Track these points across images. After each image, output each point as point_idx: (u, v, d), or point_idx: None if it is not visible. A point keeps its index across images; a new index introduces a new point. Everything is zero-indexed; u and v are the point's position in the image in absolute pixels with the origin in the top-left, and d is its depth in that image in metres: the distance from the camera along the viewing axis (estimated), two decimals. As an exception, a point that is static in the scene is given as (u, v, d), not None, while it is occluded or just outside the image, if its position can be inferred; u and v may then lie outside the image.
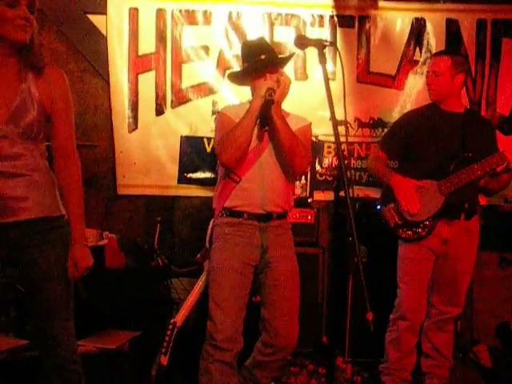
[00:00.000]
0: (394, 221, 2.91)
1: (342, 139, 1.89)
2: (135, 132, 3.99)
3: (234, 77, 2.65)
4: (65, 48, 3.97)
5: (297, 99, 3.67)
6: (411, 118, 3.04)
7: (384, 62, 4.03)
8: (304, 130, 2.58)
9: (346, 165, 1.83)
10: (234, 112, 2.50)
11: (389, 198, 2.92)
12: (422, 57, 4.00)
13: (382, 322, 2.94)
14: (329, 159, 4.03)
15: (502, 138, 3.64)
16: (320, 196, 3.93)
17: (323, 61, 1.91)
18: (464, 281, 2.97)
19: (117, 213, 4.05)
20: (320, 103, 3.81)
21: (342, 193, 1.80)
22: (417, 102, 3.85)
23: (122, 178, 3.99)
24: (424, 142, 2.91)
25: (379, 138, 3.61)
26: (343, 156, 1.81)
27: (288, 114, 2.55)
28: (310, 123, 2.65)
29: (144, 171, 3.99)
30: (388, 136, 3.16)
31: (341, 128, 1.84)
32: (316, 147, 3.84)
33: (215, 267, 2.47)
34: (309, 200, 3.70)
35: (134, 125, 3.98)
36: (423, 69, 3.87)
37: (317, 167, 3.99)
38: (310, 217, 3.60)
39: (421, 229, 2.87)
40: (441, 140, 2.89)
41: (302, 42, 2.05)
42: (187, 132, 3.99)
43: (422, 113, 3.02)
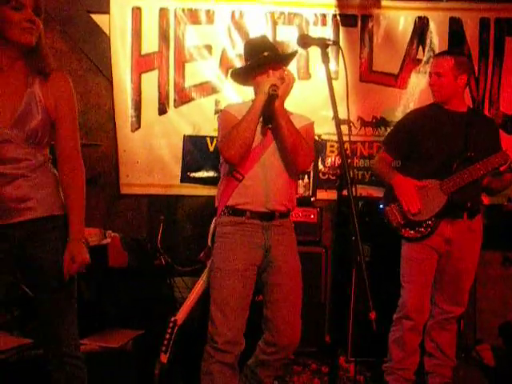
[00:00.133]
0: (397, 220, 2.91)
1: (345, 138, 1.88)
2: (138, 131, 3.99)
3: (237, 75, 2.64)
4: (68, 47, 3.97)
5: (299, 98, 3.67)
6: (414, 118, 3.04)
7: (387, 61, 4.02)
8: (307, 129, 2.57)
9: (349, 164, 1.83)
10: (237, 110, 2.49)
11: (391, 198, 2.92)
12: (425, 56, 4.00)
13: (385, 322, 2.94)
14: (331, 158, 4.03)
15: (506, 137, 3.64)
16: (323, 195, 3.93)
17: (326, 60, 1.90)
18: (467, 280, 2.97)
19: (120, 212, 4.06)
20: (323, 102, 3.81)
21: (345, 192, 1.80)
22: (420, 101, 3.85)
23: (125, 177, 4.00)
24: (427, 142, 2.90)
25: (382, 137, 3.61)
26: (346, 155, 1.81)
27: (291, 113, 2.54)
28: (313, 122, 2.65)
29: (147, 170, 4.00)
30: (391, 136, 3.16)
31: (344, 127, 1.83)
32: (319, 146, 3.84)
33: (217, 268, 2.45)
34: (312, 199, 3.70)
35: (137, 124, 3.99)
36: (426, 68, 3.87)
37: (320, 166, 3.99)
38: (313, 216, 3.60)
39: (423, 228, 2.87)
40: (444, 139, 2.88)
41: (305, 41, 2.05)
42: (190, 131, 4.00)
43: (425, 112, 3.02)
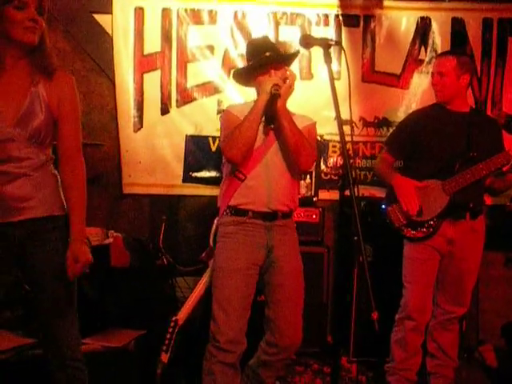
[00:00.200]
0: (399, 220, 2.91)
1: (347, 138, 1.88)
2: (140, 131, 3.99)
3: (239, 75, 2.64)
4: (70, 47, 3.97)
5: (302, 99, 3.68)
6: (417, 118, 3.04)
7: (389, 62, 4.01)
8: (309, 129, 2.58)
9: (351, 164, 1.83)
10: (240, 110, 2.49)
11: (393, 198, 2.92)
12: (428, 56, 3.99)
13: (388, 322, 2.94)
14: (334, 158, 4.03)
15: (508, 138, 3.63)
16: (325, 195, 3.93)
17: (329, 60, 1.91)
18: (469, 280, 2.96)
19: (122, 212, 4.06)
20: (325, 103, 3.80)
21: (348, 192, 1.80)
22: (422, 102, 3.85)
23: (128, 177, 4.00)
24: (429, 142, 2.90)
25: (384, 138, 3.61)
26: (348, 155, 1.81)
27: (293, 114, 2.54)
28: (315, 122, 2.65)
29: (149, 170, 4.00)
30: (393, 136, 3.16)
31: (346, 127, 1.83)
32: (321, 146, 3.84)
33: (219, 267, 2.45)
34: (314, 199, 3.70)
35: (140, 124, 3.99)
36: (428, 68, 3.86)
37: (322, 166, 3.99)
38: (315, 216, 3.60)
39: (425, 228, 2.87)
40: (446, 139, 2.88)
41: (308, 42, 2.05)
42: (192, 131, 4.00)
43: (428, 113, 3.02)
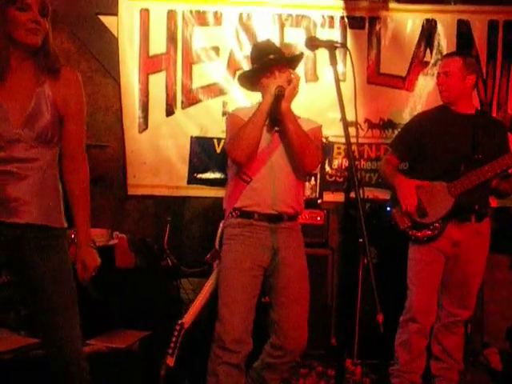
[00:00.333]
0: (404, 222, 2.91)
1: (352, 140, 1.88)
2: (145, 132, 4.00)
3: (244, 78, 2.65)
4: (76, 48, 3.99)
5: (307, 100, 3.69)
6: (422, 120, 3.03)
7: (394, 64, 4.01)
8: (314, 131, 2.58)
9: (356, 166, 1.83)
10: (245, 113, 2.50)
11: (398, 200, 2.91)
12: (433, 58, 3.98)
13: (392, 324, 2.93)
14: (338, 160, 4.02)
15: (514, 140, 3.61)
16: (330, 197, 3.92)
17: (334, 62, 1.90)
18: (474, 283, 2.95)
19: (127, 213, 4.07)
20: (330, 104, 3.80)
21: (353, 194, 1.79)
22: (427, 104, 3.84)
23: (133, 178, 4.01)
24: (434, 144, 2.90)
25: (389, 140, 3.60)
26: (354, 157, 1.80)
27: (298, 117, 2.55)
28: (321, 125, 2.66)
29: (154, 171, 4.00)
30: (399, 138, 3.16)
31: (351, 129, 1.84)
32: (326, 148, 3.84)
33: (226, 268, 2.46)
34: (318, 201, 3.69)
35: (145, 125, 4.00)
36: (434, 70, 3.85)
37: (326, 168, 3.98)
38: (320, 218, 3.60)
39: (430, 230, 2.86)
40: (451, 141, 2.87)
41: (313, 44, 2.05)
42: (197, 132, 4.00)
43: (433, 115, 3.01)
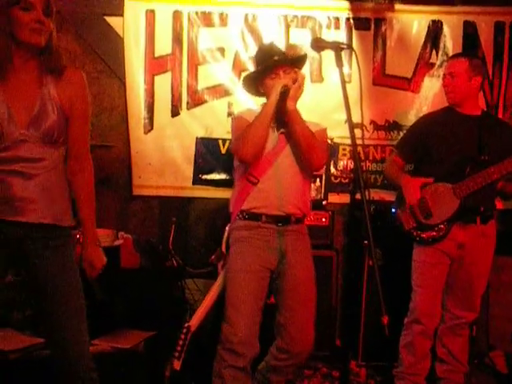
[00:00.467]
0: (409, 223, 2.90)
1: (358, 142, 1.88)
2: (151, 133, 4.00)
3: (249, 81, 2.66)
4: (82, 49, 3.99)
5: (312, 102, 3.69)
6: (427, 122, 3.03)
7: (400, 65, 4.00)
8: (320, 133, 2.58)
9: (361, 167, 1.83)
10: (251, 115, 2.51)
11: (403, 201, 2.91)
12: (439, 59, 3.97)
13: (397, 326, 2.92)
14: (344, 162, 4.01)
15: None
16: (335, 198, 3.91)
17: (340, 64, 1.91)
18: (480, 285, 2.95)
19: (132, 213, 4.07)
20: (335, 106, 3.79)
21: (358, 195, 1.79)
22: (433, 105, 3.83)
23: (138, 179, 4.01)
24: (440, 146, 2.89)
25: (395, 141, 3.59)
26: (359, 158, 1.80)
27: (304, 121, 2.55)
28: (326, 128, 2.66)
29: (159, 172, 4.00)
30: (404, 140, 3.16)
31: (356, 131, 1.84)
32: (331, 150, 3.83)
33: (233, 270, 2.47)
34: (323, 202, 3.69)
35: (150, 126, 4.00)
36: (439, 72, 3.84)
37: (332, 170, 3.98)
38: (325, 219, 3.58)
39: (435, 232, 2.86)
40: (457, 143, 2.87)
41: (319, 45, 2.05)
42: (203, 133, 4.00)
43: (439, 116, 3.01)
